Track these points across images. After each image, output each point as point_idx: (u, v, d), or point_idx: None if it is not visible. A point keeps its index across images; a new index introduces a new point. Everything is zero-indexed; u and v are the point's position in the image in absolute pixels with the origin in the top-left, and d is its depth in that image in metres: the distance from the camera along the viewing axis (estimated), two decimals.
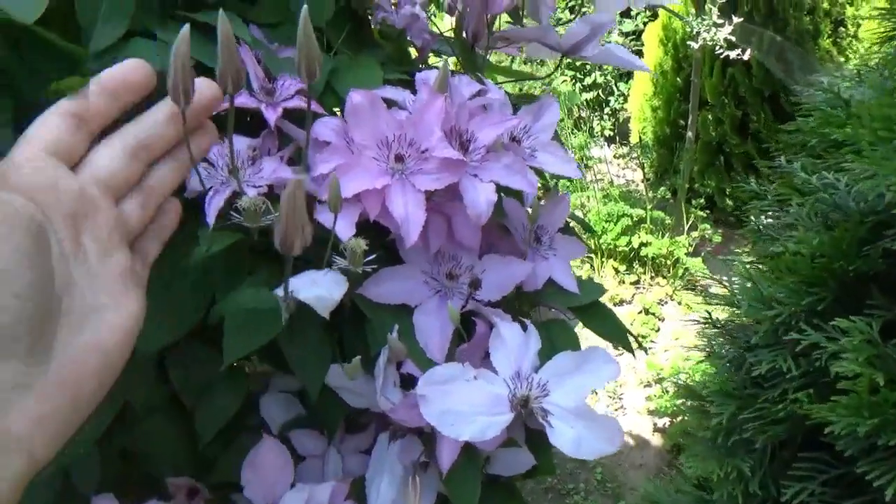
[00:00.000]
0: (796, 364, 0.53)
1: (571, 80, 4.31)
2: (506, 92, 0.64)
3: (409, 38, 0.66)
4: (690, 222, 3.13)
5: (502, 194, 0.64)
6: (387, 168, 0.50)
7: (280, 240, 0.40)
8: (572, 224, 0.81)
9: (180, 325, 0.52)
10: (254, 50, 0.54)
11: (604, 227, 2.95)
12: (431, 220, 0.56)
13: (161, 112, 0.31)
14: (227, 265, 0.52)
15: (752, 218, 0.78)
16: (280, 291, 0.47)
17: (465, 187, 0.50)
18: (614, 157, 4.18)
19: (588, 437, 0.47)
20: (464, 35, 0.65)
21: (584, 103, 4.21)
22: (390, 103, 0.56)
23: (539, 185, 0.57)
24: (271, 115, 0.48)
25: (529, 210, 0.58)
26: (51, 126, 0.28)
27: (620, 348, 0.72)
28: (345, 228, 0.48)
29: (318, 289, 0.47)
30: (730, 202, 3.45)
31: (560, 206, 0.67)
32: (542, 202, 0.63)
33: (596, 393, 2.42)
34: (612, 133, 4.26)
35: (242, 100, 0.48)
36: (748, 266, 0.61)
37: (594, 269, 2.98)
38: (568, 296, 0.62)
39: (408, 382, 0.53)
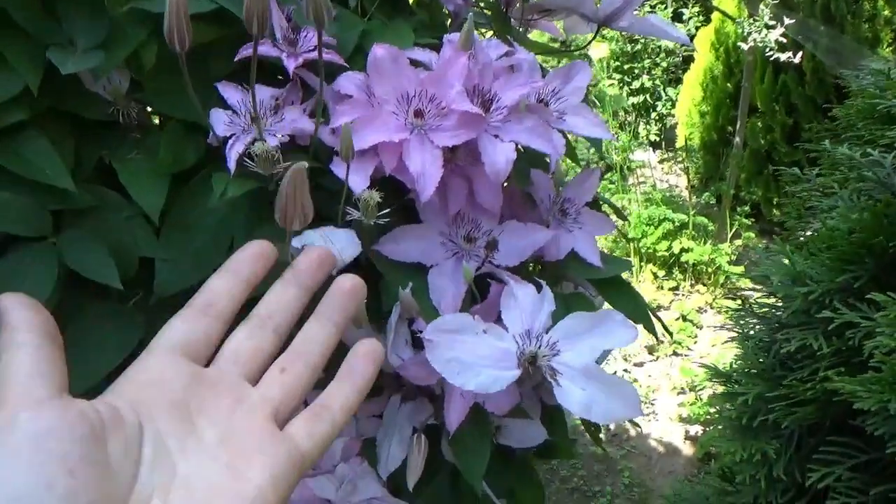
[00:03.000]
0: (828, 343, 0.50)
1: (619, 83, 4.25)
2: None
3: (442, 4, 0.66)
4: (734, 230, 3.05)
5: (529, 166, 0.63)
6: (405, 123, 0.50)
7: (280, 215, 0.40)
8: (605, 208, 0.79)
9: (198, 271, 0.53)
10: (284, 6, 0.54)
11: (644, 231, 2.89)
12: (452, 182, 0.56)
13: (287, 292, 0.32)
14: (247, 214, 0.53)
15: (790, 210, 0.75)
16: (296, 242, 0.47)
17: (484, 146, 0.50)
18: (659, 162, 4.11)
19: (600, 400, 0.46)
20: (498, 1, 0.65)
21: (631, 107, 4.15)
22: (417, 64, 0.56)
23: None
24: (291, 64, 0.49)
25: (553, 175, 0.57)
26: (174, 327, 0.29)
27: (657, 352, 0.70)
28: (358, 181, 0.48)
29: (331, 246, 0.48)
30: (776, 212, 3.35)
31: (589, 181, 0.66)
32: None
33: None
34: (658, 138, 4.18)
35: (264, 49, 0.49)
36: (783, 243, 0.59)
37: (632, 273, 2.92)
38: (590, 269, 0.61)
39: (419, 342, 0.53)
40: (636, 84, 4.24)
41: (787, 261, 0.53)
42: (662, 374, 2.53)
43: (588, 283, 0.63)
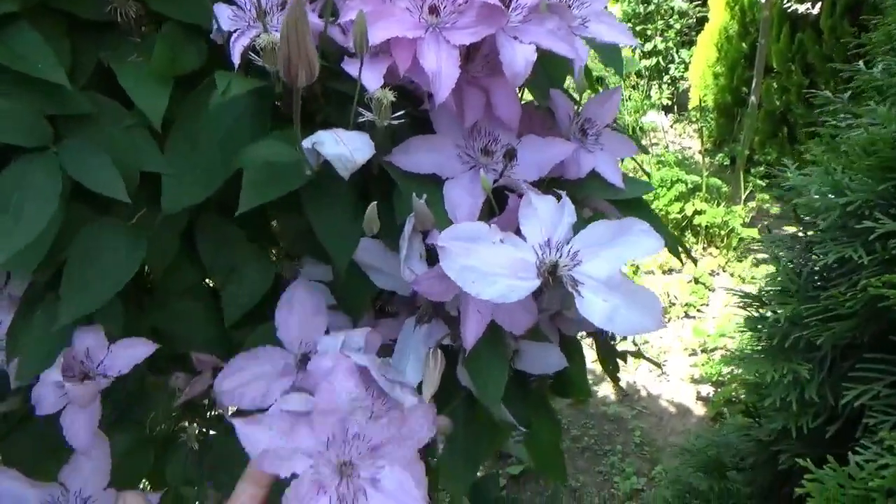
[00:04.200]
0: (869, 253, 0.47)
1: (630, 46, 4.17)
2: None
3: None
4: (748, 192, 3.01)
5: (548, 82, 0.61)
6: (420, 19, 0.47)
7: (283, 68, 0.38)
8: None
9: (206, 186, 0.50)
10: None
11: (656, 193, 2.85)
12: (468, 92, 0.53)
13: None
14: (252, 124, 0.50)
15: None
16: (306, 143, 0.45)
17: (503, 45, 0.47)
18: (671, 125, 4.05)
19: (623, 310, 0.44)
20: None
21: (644, 69, 4.07)
22: None
23: None
24: None
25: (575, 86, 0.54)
26: None
27: (669, 314, 0.66)
28: (372, 79, 0.45)
29: (342, 147, 0.45)
30: (790, 175, 3.29)
31: (610, 101, 0.63)
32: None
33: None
34: (670, 102, 4.11)
35: None
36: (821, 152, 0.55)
37: None
38: (612, 189, 0.59)
39: (434, 257, 0.51)
40: (648, 46, 4.16)
41: (825, 171, 0.50)
42: (674, 335, 2.51)
43: (609, 206, 0.61)
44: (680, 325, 2.56)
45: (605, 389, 2.33)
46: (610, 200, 0.59)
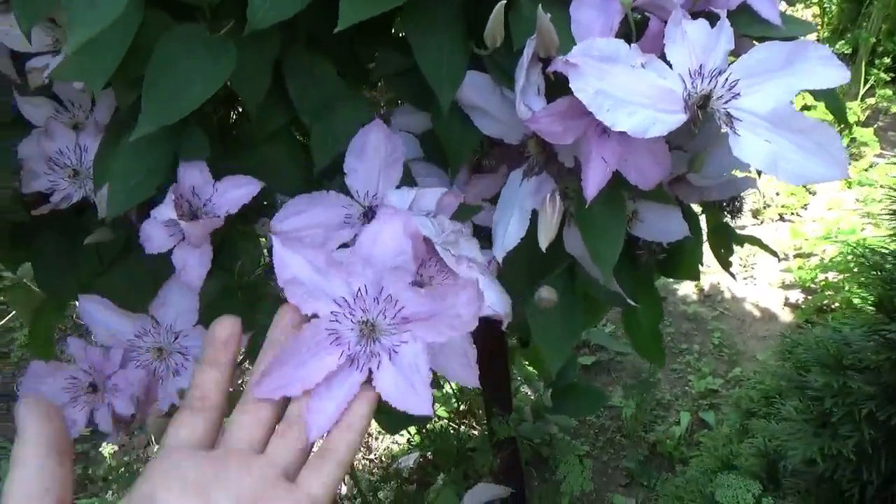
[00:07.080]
0: None
1: None
2: None
3: None
4: (867, 87, 2.70)
5: None
6: None
7: None
8: None
9: (291, 4, 0.44)
10: None
11: None
12: None
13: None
14: None
15: None
16: None
17: None
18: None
19: (791, 153, 0.37)
20: None
21: None
22: None
23: None
24: None
25: None
26: (177, 433, 0.32)
27: (762, 215, 0.54)
28: None
29: None
30: None
31: None
32: None
33: None
34: None
35: None
36: None
37: None
38: (768, 26, 0.49)
39: (553, 93, 0.43)
40: None
41: None
42: (767, 237, 2.36)
43: None
44: (774, 227, 2.41)
45: (686, 288, 2.24)
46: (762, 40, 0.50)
